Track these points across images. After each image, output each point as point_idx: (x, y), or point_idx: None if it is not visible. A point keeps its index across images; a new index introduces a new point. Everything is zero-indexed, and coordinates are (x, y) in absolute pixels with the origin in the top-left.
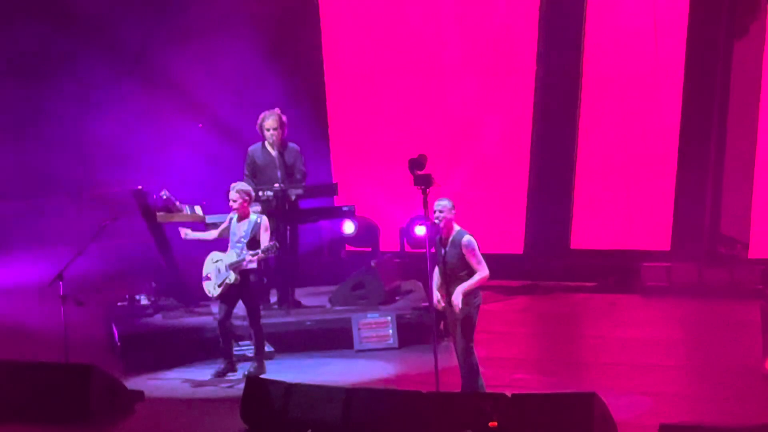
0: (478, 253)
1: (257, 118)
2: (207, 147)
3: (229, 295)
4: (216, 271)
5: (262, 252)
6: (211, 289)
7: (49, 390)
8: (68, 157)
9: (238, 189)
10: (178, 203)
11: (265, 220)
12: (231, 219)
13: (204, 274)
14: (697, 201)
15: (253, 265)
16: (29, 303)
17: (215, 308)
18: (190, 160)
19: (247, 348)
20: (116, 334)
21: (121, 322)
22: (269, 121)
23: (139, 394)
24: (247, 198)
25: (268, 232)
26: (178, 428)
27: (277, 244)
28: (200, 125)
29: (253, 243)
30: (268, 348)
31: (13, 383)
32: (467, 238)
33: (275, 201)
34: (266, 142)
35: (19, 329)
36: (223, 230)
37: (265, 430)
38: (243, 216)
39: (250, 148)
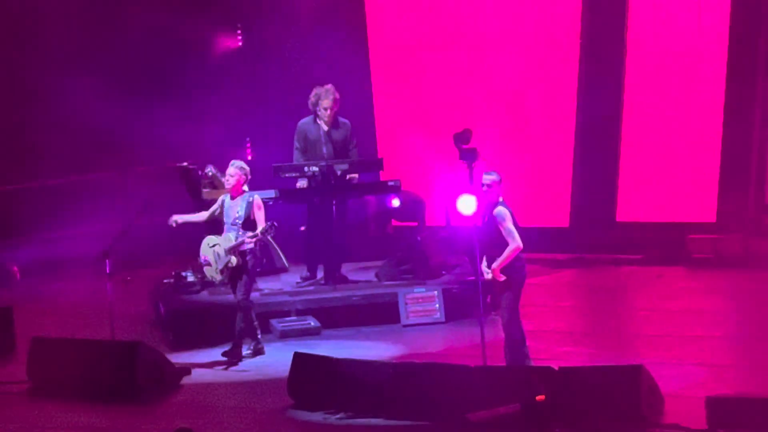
0: (508, 224)
1: (309, 93)
2: (253, 122)
3: (235, 279)
4: (216, 256)
5: (261, 233)
6: (213, 273)
7: (97, 367)
8: (114, 134)
9: (238, 165)
10: (223, 179)
11: (257, 199)
12: (223, 200)
13: (202, 257)
14: (742, 172)
15: (250, 245)
16: (76, 280)
17: (262, 284)
18: (236, 137)
19: (290, 323)
20: (163, 311)
21: (168, 299)
22: (326, 100)
23: (186, 370)
24: (243, 177)
25: (262, 211)
26: (225, 403)
27: (276, 224)
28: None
29: (248, 223)
30: (314, 323)
31: (61, 360)
32: (498, 209)
33: (320, 176)
34: (318, 118)
35: (67, 306)
36: (215, 212)
37: (312, 406)
38: (235, 195)
39: (301, 122)
